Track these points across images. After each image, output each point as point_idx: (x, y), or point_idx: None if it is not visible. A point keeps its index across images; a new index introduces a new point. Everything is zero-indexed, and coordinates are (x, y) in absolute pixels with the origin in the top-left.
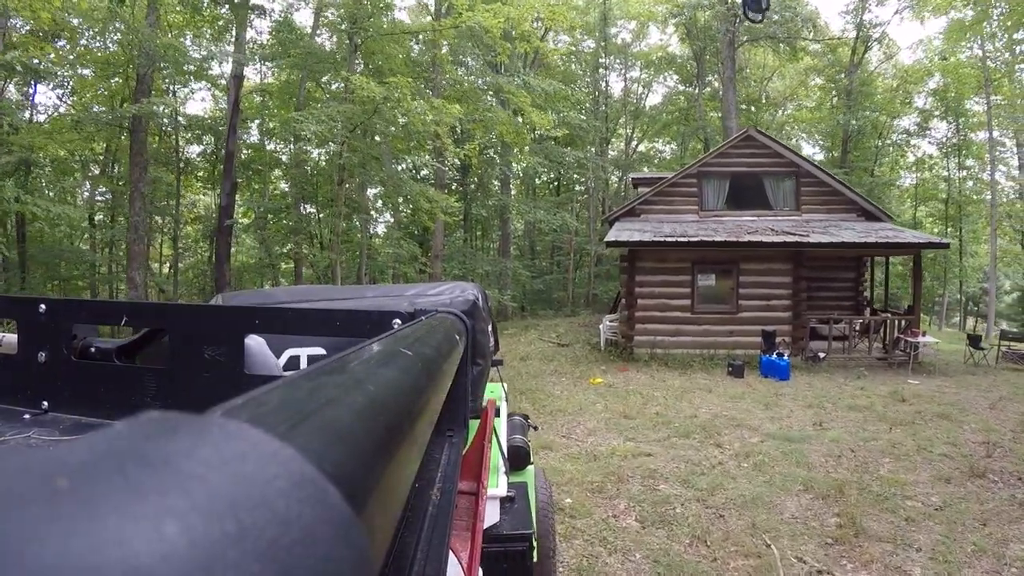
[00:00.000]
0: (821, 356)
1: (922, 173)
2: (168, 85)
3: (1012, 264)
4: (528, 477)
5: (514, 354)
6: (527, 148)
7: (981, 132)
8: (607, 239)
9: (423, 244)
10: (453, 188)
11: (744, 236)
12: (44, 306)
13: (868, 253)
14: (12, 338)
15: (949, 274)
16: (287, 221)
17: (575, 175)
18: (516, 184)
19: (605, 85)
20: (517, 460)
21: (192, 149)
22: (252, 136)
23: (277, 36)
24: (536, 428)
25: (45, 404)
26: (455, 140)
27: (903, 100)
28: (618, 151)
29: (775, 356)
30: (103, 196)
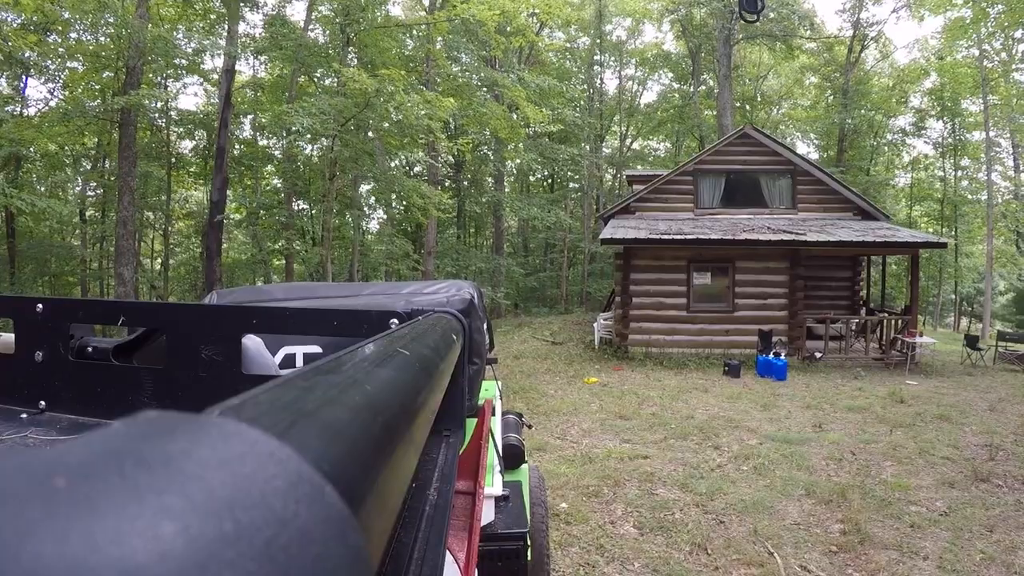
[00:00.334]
0: (818, 356)
1: (917, 173)
2: (160, 79)
3: (1007, 265)
4: (522, 476)
5: (507, 352)
6: (521, 145)
7: (976, 132)
8: (602, 236)
9: (416, 241)
10: (447, 185)
11: (740, 234)
12: (41, 305)
13: (866, 252)
14: (9, 337)
15: (944, 274)
16: (279, 217)
17: (569, 172)
18: (510, 181)
19: (600, 82)
20: (511, 459)
21: (184, 144)
22: (245, 132)
23: (270, 30)
24: (530, 426)
25: (42, 404)
26: (449, 136)
27: (899, 99)
28: (612, 149)
29: (772, 356)
30: (94, 191)
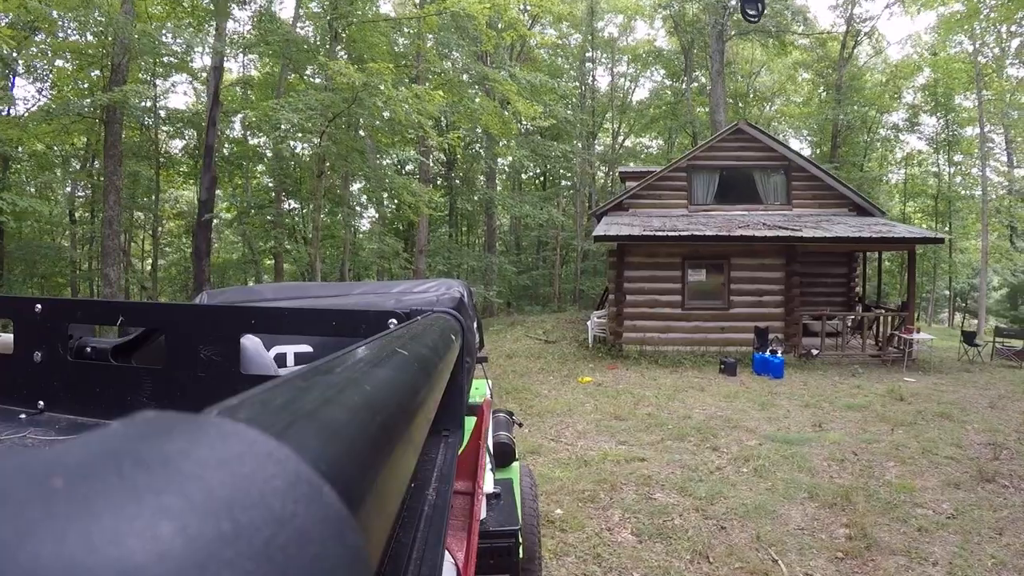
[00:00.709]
0: (814, 353)
1: (911, 168)
2: (147, 77)
3: (1001, 260)
4: (513, 474)
5: (500, 351)
6: (513, 142)
7: (969, 128)
8: (595, 233)
9: (408, 240)
10: (438, 183)
11: (735, 230)
12: (40, 306)
13: (862, 248)
14: (8, 337)
15: (938, 270)
16: (269, 217)
17: (561, 170)
18: (502, 179)
19: (592, 80)
20: (502, 457)
21: (175, 144)
22: (235, 131)
23: (258, 26)
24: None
25: (41, 404)
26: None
27: (892, 95)
28: (604, 146)
29: (768, 353)
30: (84, 192)
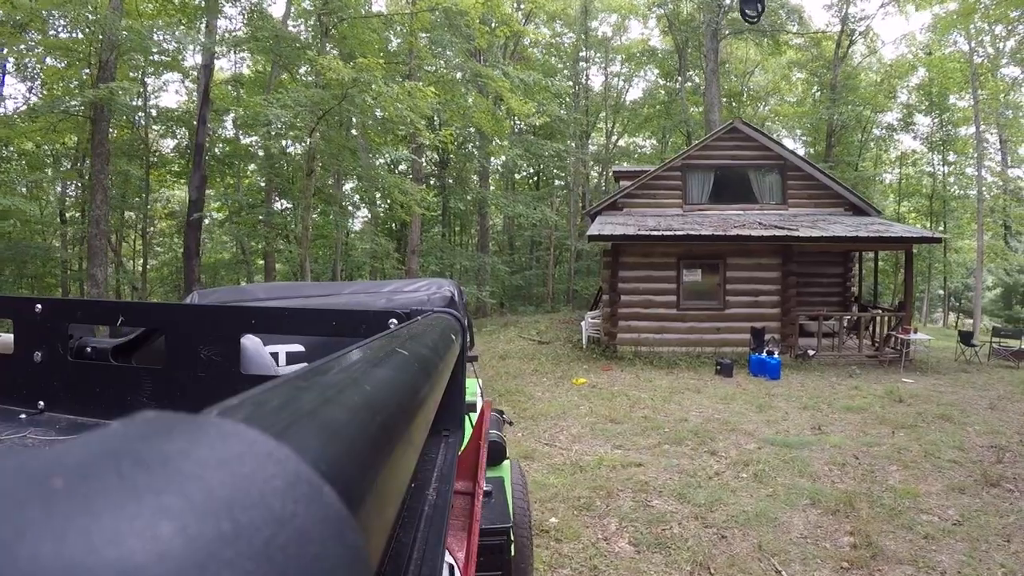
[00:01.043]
0: (811, 353)
1: (905, 168)
2: (138, 75)
3: (995, 259)
4: (504, 472)
5: (493, 352)
6: (506, 141)
7: (964, 128)
8: (589, 233)
9: (400, 240)
10: (431, 183)
11: (731, 230)
12: (40, 306)
13: (860, 248)
14: (8, 338)
15: (933, 269)
16: (260, 216)
17: (555, 169)
18: (495, 179)
19: (585, 79)
20: (493, 455)
21: (166, 143)
22: (227, 131)
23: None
24: (511, 423)
25: (41, 404)
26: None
27: (887, 94)
28: (598, 145)
29: (765, 354)
30: (74, 192)
